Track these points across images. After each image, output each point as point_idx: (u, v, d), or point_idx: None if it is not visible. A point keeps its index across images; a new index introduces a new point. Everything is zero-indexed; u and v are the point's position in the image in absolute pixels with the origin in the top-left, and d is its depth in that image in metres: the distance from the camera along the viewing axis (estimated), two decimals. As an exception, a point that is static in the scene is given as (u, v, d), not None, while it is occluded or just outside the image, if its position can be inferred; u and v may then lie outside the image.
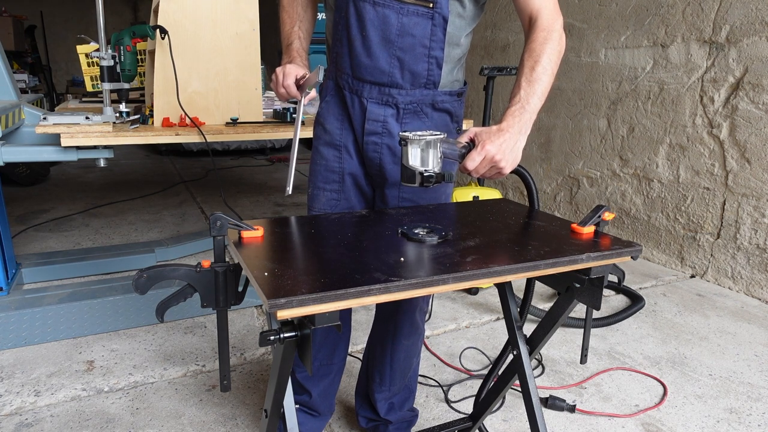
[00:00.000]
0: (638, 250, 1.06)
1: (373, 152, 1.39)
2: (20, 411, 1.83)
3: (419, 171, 1.13)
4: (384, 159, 1.40)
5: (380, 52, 1.30)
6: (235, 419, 1.82)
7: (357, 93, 1.36)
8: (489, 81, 2.89)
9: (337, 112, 1.42)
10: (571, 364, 2.22)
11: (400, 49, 1.29)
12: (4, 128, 2.16)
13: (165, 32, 2.30)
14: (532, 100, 1.19)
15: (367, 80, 1.33)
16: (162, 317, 1.00)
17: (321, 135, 1.46)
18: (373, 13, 1.27)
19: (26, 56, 7.71)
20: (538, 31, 1.25)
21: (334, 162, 1.44)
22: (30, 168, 4.97)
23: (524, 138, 1.17)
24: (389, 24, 1.27)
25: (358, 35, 1.29)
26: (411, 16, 1.27)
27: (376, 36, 1.28)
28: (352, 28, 1.30)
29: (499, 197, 2.13)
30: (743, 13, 2.87)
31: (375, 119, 1.36)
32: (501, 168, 1.15)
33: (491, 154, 1.12)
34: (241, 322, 2.48)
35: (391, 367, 1.63)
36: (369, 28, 1.28)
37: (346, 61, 1.34)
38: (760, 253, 2.90)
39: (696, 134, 3.17)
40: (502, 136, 1.14)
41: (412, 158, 1.14)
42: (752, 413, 1.93)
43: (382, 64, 1.31)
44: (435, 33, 1.29)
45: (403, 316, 1.58)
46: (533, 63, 1.22)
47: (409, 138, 1.12)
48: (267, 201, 4.78)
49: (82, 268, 2.92)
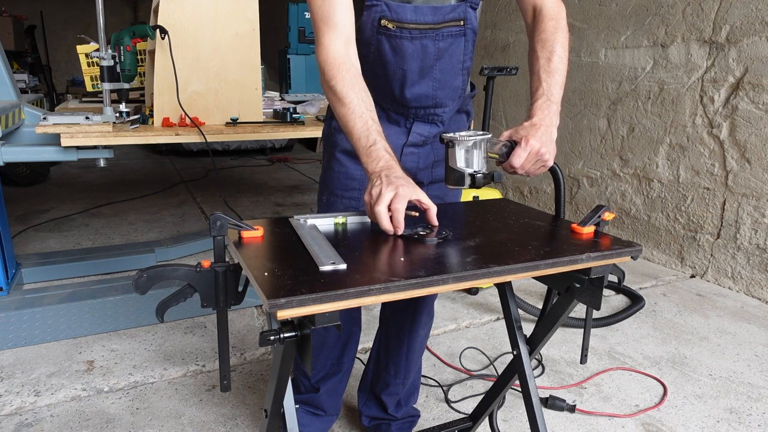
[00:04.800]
0: (638, 250, 1.06)
1: (411, 162, 1.40)
2: (20, 411, 1.83)
3: (468, 172, 1.10)
4: (419, 167, 1.41)
5: (422, 80, 1.29)
6: (235, 419, 1.82)
7: (402, 114, 1.35)
8: (489, 81, 2.89)
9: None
10: (571, 364, 2.22)
11: (440, 71, 1.29)
12: (4, 128, 2.16)
13: (165, 32, 2.30)
14: (555, 91, 1.19)
15: (412, 106, 1.33)
16: (162, 317, 1.00)
17: (342, 142, 1.40)
18: (412, 47, 1.25)
19: (26, 56, 7.72)
20: (547, 20, 1.25)
21: (355, 170, 1.40)
22: (30, 168, 4.97)
23: (556, 129, 1.17)
24: (428, 52, 1.27)
25: (398, 70, 1.27)
26: (446, 39, 1.27)
27: (416, 66, 1.27)
28: (389, 64, 1.27)
29: (499, 197, 2.12)
30: (743, 13, 2.87)
31: (419, 133, 1.37)
32: (546, 161, 1.14)
33: (536, 148, 1.10)
34: (241, 322, 2.48)
35: (407, 357, 1.64)
36: (409, 62, 1.26)
37: (385, 92, 1.32)
38: (760, 253, 2.90)
39: (696, 134, 3.17)
40: (540, 129, 1.13)
41: (458, 160, 1.10)
42: (752, 413, 1.93)
43: (426, 90, 1.31)
44: (467, 47, 1.30)
45: (423, 305, 1.59)
46: (549, 54, 1.21)
47: (457, 139, 1.08)
48: (267, 201, 4.78)
49: (82, 268, 2.92)
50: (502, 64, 4.51)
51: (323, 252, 0.95)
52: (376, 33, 1.24)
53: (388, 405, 1.68)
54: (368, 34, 1.25)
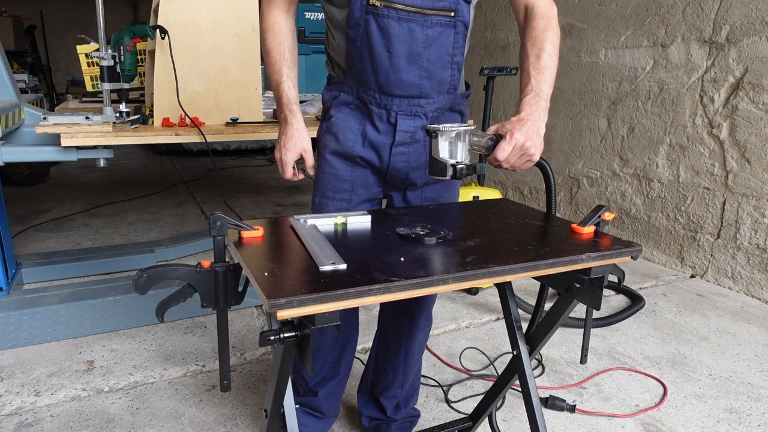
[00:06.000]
0: (638, 250, 1.06)
1: (401, 162, 1.39)
2: (20, 411, 1.83)
3: (450, 163, 1.12)
4: (410, 166, 1.41)
5: (409, 66, 1.29)
6: (235, 419, 1.82)
7: (386, 107, 1.34)
8: (489, 81, 2.89)
9: (353, 125, 1.38)
10: (571, 364, 2.22)
11: (428, 60, 1.29)
12: (4, 128, 2.16)
13: (165, 32, 2.30)
14: (544, 87, 1.20)
15: (396, 95, 1.32)
16: (162, 317, 1.00)
17: (331, 144, 1.42)
18: (399, 29, 1.25)
19: (26, 56, 7.72)
20: (538, 18, 1.26)
21: (345, 171, 1.41)
22: (30, 168, 4.97)
23: (543, 125, 1.18)
24: (415, 37, 1.27)
25: (384, 52, 1.27)
26: (435, 27, 1.27)
27: (403, 51, 1.27)
28: (375, 45, 1.27)
29: (499, 197, 2.12)
30: (743, 13, 2.87)
31: (405, 130, 1.36)
32: (531, 155, 1.15)
33: (521, 141, 1.12)
34: (241, 322, 2.48)
35: (405, 362, 1.63)
36: (395, 44, 1.26)
37: (371, 78, 1.31)
38: (760, 253, 2.90)
39: (696, 134, 3.17)
40: (527, 124, 1.14)
41: (441, 150, 1.12)
42: (752, 413, 1.93)
43: (412, 78, 1.30)
44: (457, 40, 1.30)
45: (421, 309, 1.58)
46: (538, 51, 1.22)
47: (440, 130, 1.11)
48: (267, 201, 4.78)
49: (82, 268, 2.92)
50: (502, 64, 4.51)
51: (323, 252, 0.95)
52: (364, 12, 1.25)
53: (386, 407, 1.68)
54: (357, 15, 1.25)
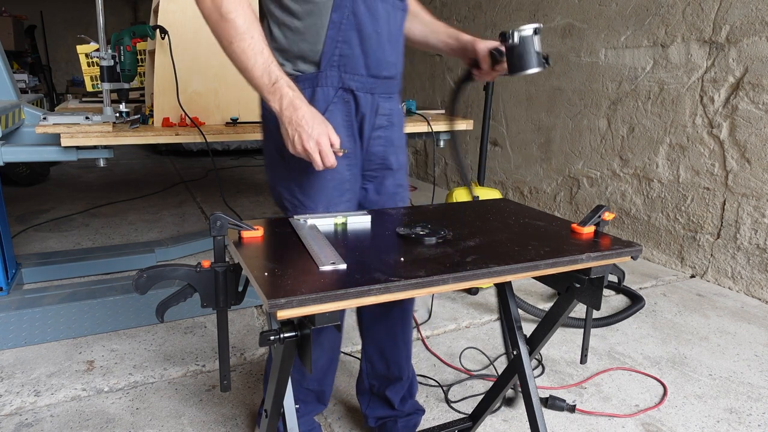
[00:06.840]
0: (638, 250, 1.06)
1: (380, 146, 1.42)
2: (20, 411, 1.83)
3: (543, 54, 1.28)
4: (388, 150, 1.44)
5: (389, 46, 1.35)
6: (235, 419, 1.82)
7: (371, 91, 1.35)
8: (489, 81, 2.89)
9: (343, 120, 1.34)
10: (571, 364, 2.22)
11: (397, 41, 1.38)
12: (4, 128, 2.16)
13: (165, 32, 2.30)
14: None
15: (381, 76, 1.35)
16: (162, 317, 1.00)
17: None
18: (383, 8, 1.31)
19: (26, 56, 7.72)
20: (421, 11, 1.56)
21: (345, 171, 1.38)
22: (30, 168, 4.97)
23: None
24: (392, 18, 1.34)
25: (372, 33, 1.29)
26: (398, 11, 1.37)
27: (385, 31, 1.33)
28: (365, 25, 1.28)
29: (499, 197, 2.12)
30: (743, 13, 2.87)
31: (383, 113, 1.40)
32: None
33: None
34: (241, 322, 2.48)
35: (406, 353, 1.65)
36: (382, 24, 1.31)
37: (360, 61, 1.30)
38: (760, 253, 2.90)
39: (696, 134, 3.17)
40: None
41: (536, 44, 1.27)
42: (752, 413, 1.93)
43: (393, 58, 1.37)
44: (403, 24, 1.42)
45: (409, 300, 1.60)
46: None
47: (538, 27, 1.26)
48: (267, 201, 4.78)
49: (82, 268, 2.92)
50: (502, 64, 4.50)
51: (323, 252, 0.95)
52: None
53: (393, 401, 1.67)
54: None
